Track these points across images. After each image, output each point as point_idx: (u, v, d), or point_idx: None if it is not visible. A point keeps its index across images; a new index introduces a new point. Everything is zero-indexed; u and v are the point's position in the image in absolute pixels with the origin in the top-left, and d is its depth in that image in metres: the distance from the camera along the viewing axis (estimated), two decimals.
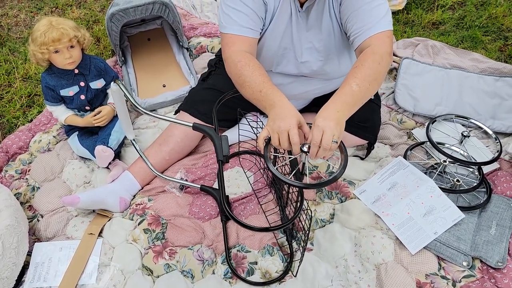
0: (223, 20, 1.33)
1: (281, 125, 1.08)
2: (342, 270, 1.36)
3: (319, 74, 1.48)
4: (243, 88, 1.26)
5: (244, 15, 1.30)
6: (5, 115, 1.95)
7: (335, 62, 1.44)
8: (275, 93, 1.17)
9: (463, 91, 1.86)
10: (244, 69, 1.25)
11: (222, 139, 1.30)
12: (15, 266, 1.30)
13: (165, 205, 1.53)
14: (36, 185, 1.64)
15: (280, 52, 1.42)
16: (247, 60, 1.27)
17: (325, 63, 1.43)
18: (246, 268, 1.37)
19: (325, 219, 1.49)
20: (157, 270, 1.38)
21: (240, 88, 1.29)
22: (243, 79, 1.25)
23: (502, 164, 1.63)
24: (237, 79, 1.28)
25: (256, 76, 1.22)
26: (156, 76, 2.07)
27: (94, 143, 1.61)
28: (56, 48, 1.49)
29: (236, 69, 1.26)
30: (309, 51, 1.41)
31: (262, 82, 1.21)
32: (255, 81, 1.22)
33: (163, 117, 1.43)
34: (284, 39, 1.39)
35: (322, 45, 1.40)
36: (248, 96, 1.25)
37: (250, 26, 1.32)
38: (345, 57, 1.45)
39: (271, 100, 1.16)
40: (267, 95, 1.17)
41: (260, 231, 0.99)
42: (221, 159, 1.27)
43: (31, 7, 2.62)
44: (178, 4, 2.52)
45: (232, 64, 1.29)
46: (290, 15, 1.34)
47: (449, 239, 1.38)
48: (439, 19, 2.40)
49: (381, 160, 1.68)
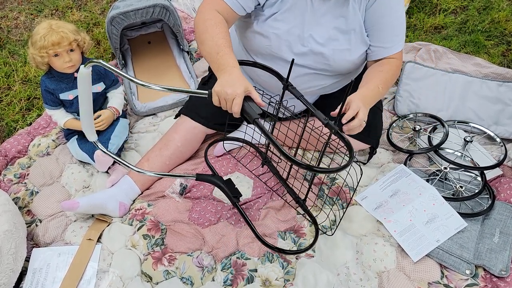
0: None
1: (228, 92, 1.13)
2: (343, 278, 1.34)
3: (323, 67, 1.45)
4: (203, 45, 1.30)
5: None
6: (4, 119, 1.94)
7: (346, 54, 1.42)
8: (230, 60, 1.22)
9: (465, 96, 1.85)
10: (210, 28, 1.29)
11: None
12: (13, 272, 1.29)
13: (164, 211, 1.51)
14: (35, 189, 1.62)
15: (289, 37, 1.39)
16: (216, 21, 1.30)
17: (334, 53, 1.41)
18: (246, 276, 1.35)
19: (326, 225, 1.47)
20: (156, 276, 1.36)
21: (200, 44, 1.32)
22: (205, 36, 1.29)
23: (505, 170, 1.62)
24: (200, 34, 1.31)
25: (219, 38, 1.26)
26: (157, 80, 2.06)
27: (94, 147, 1.59)
28: (55, 52, 1.47)
29: (204, 25, 1.30)
30: (321, 37, 1.39)
31: (222, 45, 1.25)
32: (216, 43, 1.26)
33: (174, 88, 1.18)
34: (294, 24, 1.37)
35: (335, 33, 1.38)
36: (205, 54, 1.29)
37: (240, 1, 1.33)
38: (357, 51, 1.42)
39: (223, 65, 1.20)
40: (222, 59, 1.22)
41: (304, 169, 1.04)
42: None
43: (31, 9, 2.61)
44: (178, 7, 2.51)
45: (201, 19, 1.32)
46: (306, 1, 1.33)
47: (452, 247, 1.37)
48: (442, 23, 2.39)
49: (383, 166, 1.66)
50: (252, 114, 1.12)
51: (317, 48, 1.39)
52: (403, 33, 1.41)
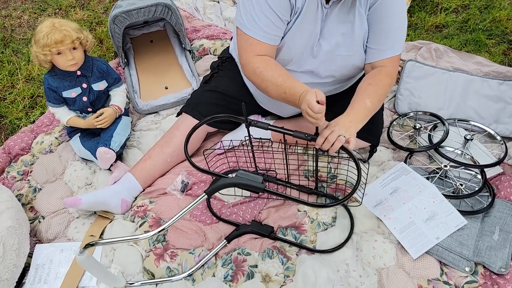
0: (245, 20, 1.32)
1: (302, 108, 1.21)
2: (343, 275, 1.35)
3: (328, 75, 1.47)
4: (267, 92, 1.34)
5: (269, 21, 1.29)
6: (7, 116, 1.96)
7: (351, 59, 1.42)
8: (296, 88, 1.25)
9: (466, 94, 1.85)
10: (263, 75, 1.31)
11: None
12: (16, 267, 1.30)
13: (166, 207, 1.53)
14: (38, 186, 1.64)
15: (302, 49, 1.39)
16: (264, 65, 1.31)
17: (344, 59, 1.41)
18: (246, 271, 1.36)
19: (327, 222, 1.48)
20: (158, 273, 1.37)
21: (265, 92, 1.35)
22: (265, 84, 1.32)
23: (505, 168, 1.62)
24: (259, 85, 1.35)
25: (276, 78, 1.29)
26: (159, 78, 2.07)
27: (96, 145, 1.61)
28: (58, 50, 1.49)
29: (256, 76, 1.33)
30: (329, 45, 1.39)
31: (283, 82, 1.28)
32: (276, 84, 1.29)
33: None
34: (308, 37, 1.36)
35: (343, 40, 1.38)
36: (276, 99, 1.34)
37: (274, 33, 1.32)
38: (362, 56, 1.42)
39: (296, 96, 1.25)
40: (291, 94, 1.26)
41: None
42: (263, 187, 1.23)
43: (34, 8, 2.63)
44: (181, 6, 2.52)
45: (251, 71, 1.34)
46: (316, 10, 1.32)
47: (451, 244, 1.37)
48: (443, 22, 2.39)
49: (383, 164, 1.67)
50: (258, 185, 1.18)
51: (325, 56, 1.40)
52: (402, 37, 1.38)
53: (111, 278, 1.27)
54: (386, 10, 1.33)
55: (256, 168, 1.55)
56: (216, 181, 1.23)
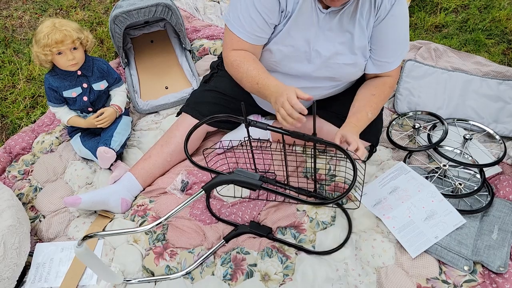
0: (231, 17, 1.37)
1: (280, 99, 1.20)
2: (342, 274, 1.35)
3: (327, 80, 1.49)
4: (242, 83, 1.40)
5: (254, 23, 1.33)
6: (8, 116, 1.97)
7: (351, 68, 1.45)
8: (270, 81, 1.30)
9: (465, 94, 1.85)
10: (239, 67, 1.36)
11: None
12: (17, 266, 1.31)
13: (166, 207, 1.53)
14: (38, 185, 1.65)
15: (295, 53, 1.41)
16: (242, 58, 1.37)
17: (341, 67, 1.44)
18: (246, 270, 1.37)
19: (326, 221, 1.49)
20: (158, 272, 1.38)
21: (240, 84, 1.41)
22: (240, 76, 1.38)
23: (504, 168, 1.63)
24: (235, 76, 1.41)
25: (251, 71, 1.34)
26: (159, 78, 2.08)
27: (97, 144, 1.61)
28: (59, 50, 1.49)
29: (233, 68, 1.39)
30: (328, 52, 1.40)
31: (257, 75, 1.33)
32: (251, 75, 1.34)
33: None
34: (302, 41, 1.38)
35: (342, 49, 1.39)
36: (249, 90, 1.39)
37: (257, 33, 1.36)
38: (361, 66, 1.45)
39: (267, 88, 1.29)
40: (264, 85, 1.31)
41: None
42: (260, 185, 1.23)
43: (35, 8, 2.64)
44: (181, 6, 2.53)
45: (229, 64, 1.41)
46: (311, 15, 1.33)
47: (450, 243, 1.38)
48: (442, 22, 2.39)
49: (383, 163, 1.67)
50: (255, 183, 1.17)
51: (322, 63, 1.41)
52: (407, 46, 1.46)
53: (109, 273, 1.28)
54: (393, 23, 1.36)
55: (256, 170, 1.55)
56: (214, 178, 1.24)
